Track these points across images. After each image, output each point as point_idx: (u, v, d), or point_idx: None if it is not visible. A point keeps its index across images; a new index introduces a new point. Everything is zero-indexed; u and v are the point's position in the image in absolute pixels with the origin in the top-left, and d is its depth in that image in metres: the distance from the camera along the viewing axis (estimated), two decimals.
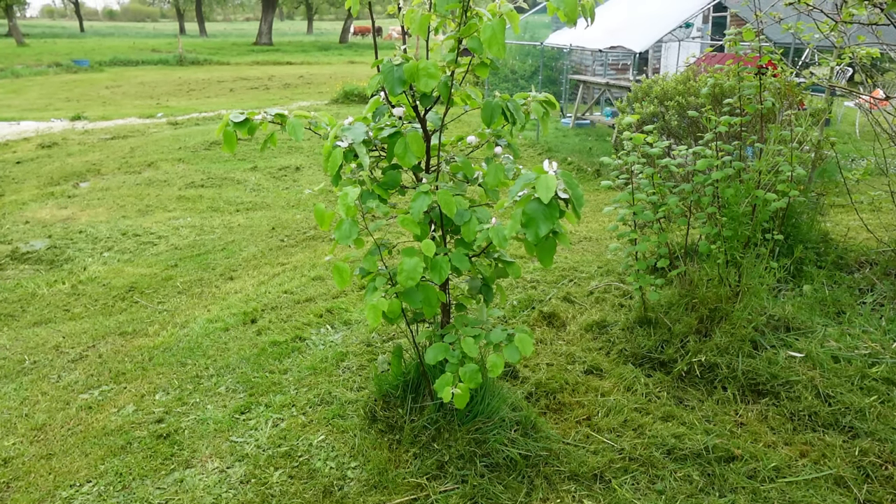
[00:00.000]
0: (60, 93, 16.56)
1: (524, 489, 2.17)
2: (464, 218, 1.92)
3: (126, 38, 42.43)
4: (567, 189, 1.77)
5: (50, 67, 22.65)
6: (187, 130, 10.23)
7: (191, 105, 13.73)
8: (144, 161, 8.21)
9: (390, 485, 2.21)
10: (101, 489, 2.30)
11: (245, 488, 2.26)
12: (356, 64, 25.26)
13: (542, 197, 1.68)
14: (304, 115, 2.07)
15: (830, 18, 3.06)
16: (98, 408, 2.83)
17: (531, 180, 1.73)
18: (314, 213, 2.05)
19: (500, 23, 1.75)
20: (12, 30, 34.91)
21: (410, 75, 1.83)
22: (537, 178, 1.71)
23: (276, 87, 17.16)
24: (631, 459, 2.31)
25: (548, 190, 1.67)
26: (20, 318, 3.93)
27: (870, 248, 3.89)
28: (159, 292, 4.25)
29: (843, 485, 2.16)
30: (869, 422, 2.43)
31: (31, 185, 7.25)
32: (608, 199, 5.49)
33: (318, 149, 8.34)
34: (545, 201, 1.69)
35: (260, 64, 25.67)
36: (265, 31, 37.00)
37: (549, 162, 1.74)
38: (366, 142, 1.98)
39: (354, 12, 2.00)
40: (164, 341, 3.42)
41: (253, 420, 2.65)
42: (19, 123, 11.56)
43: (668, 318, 3.05)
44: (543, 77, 11.54)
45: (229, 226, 5.71)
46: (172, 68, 23.99)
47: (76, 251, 5.11)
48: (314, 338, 3.35)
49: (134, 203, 6.48)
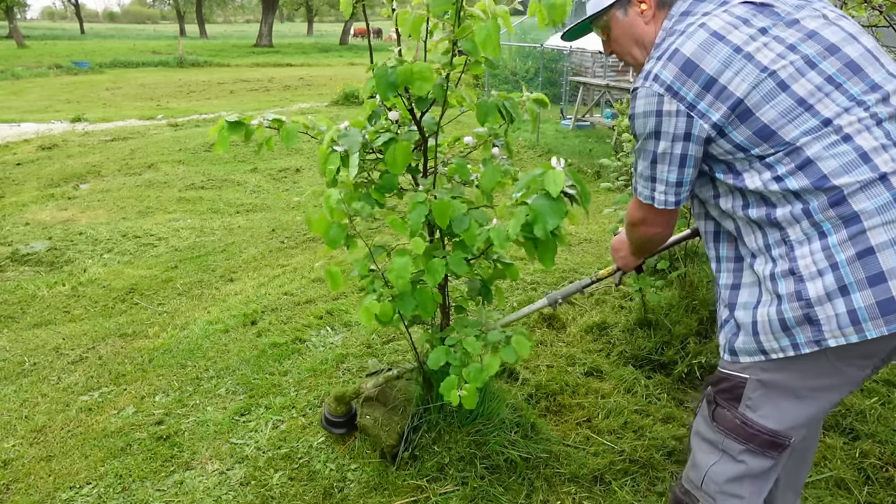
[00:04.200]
0: (61, 94, 16.58)
1: (524, 491, 2.17)
2: (463, 225, 1.91)
3: (126, 39, 42.49)
4: (575, 185, 1.77)
5: (50, 69, 22.67)
6: (187, 132, 10.24)
7: (191, 107, 13.74)
8: (144, 163, 8.22)
9: (390, 487, 2.21)
10: (101, 491, 2.30)
11: (245, 490, 2.25)
12: (356, 66, 25.29)
13: (550, 191, 1.68)
14: (301, 122, 2.07)
15: None
16: (98, 409, 2.83)
17: (536, 176, 1.73)
18: (305, 218, 2.05)
19: (495, 24, 1.75)
20: (13, 31, 34.96)
21: (404, 79, 1.82)
22: (544, 173, 1.71)
23: (276, 88, 17.18)
24: (631, 461, 2.31)
25: (556, 184, 1.67)
26: (20, 319, 3.93)
27: None
28: (159, 294, 4.25)
29: (843, 487, 2.16)
30: (869, 423, 2.43)
31: (32, 186, 7.26)
32: (608, 201, 5.49)
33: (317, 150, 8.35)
34: (554, 195, 1.69)
35: (260, 66, 25.69)
36: (265, 32, 37.05)
37: (556, 159, 1.74)
38: (363, 145, 1.97)
39: (347, 15, 1.99)
40: (164, 343, 3.42)
41: (253, 422, 2.65)
42: (20, 125, 11.57)
43: (668, 319, 3.04)
44: (543, 79, 11.55)
45: (229, 227, 5.71)
46: (173, 70, 24.01)
47: (76, 253, 5.11)
48: (314, 339, 3.35)
49: (134, 205, 6.48)
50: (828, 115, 1.31)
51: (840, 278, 1.26)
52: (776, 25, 1.37)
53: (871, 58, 1.35)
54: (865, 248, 1.24)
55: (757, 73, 1.33)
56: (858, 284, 1.24)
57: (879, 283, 1.23)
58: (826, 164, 1.29)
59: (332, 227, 1.96)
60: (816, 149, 1.31)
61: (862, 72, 1.33)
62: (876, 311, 1.23)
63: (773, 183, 1.34)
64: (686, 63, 1.36)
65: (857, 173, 1.27)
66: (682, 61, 1.37)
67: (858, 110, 1.31)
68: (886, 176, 1.26)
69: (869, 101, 1.31)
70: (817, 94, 1.32)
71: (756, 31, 1.36)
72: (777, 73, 1.33)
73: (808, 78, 1.32)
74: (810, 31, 1.35)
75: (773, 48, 1.34)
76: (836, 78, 1.33)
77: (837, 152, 1.29)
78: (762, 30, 1.36)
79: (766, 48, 1.34)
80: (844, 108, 1.31)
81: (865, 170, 1.26)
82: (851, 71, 1.33)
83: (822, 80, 1.33)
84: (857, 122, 1.30)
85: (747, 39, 1.35)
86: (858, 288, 1.24)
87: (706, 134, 1.38)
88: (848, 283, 1.25)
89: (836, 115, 1.31)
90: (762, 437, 1.44)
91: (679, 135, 1.40)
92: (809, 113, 1.32)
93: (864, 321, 1.24)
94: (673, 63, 1.37)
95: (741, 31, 1.36)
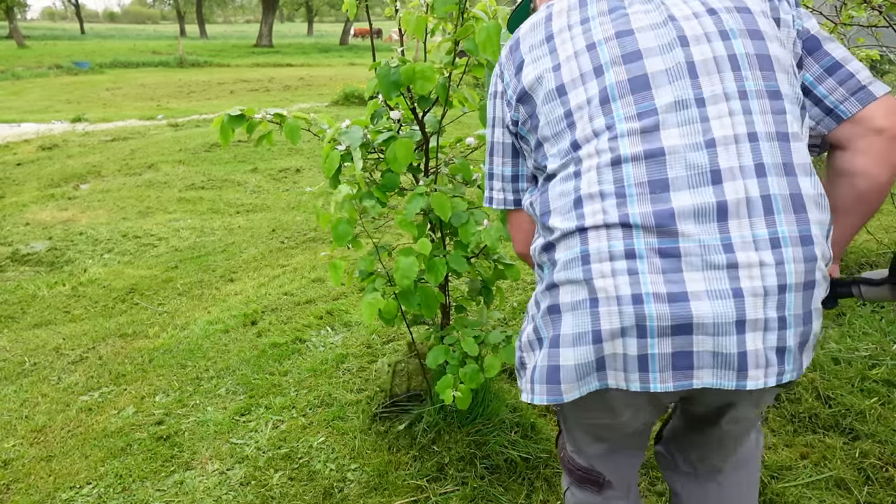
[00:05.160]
0: (61, 95, 16.58)
1: (524, 491, 2.17)
2: (461, 219, 1.92)
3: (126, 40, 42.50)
4: None
5: (50, 69, 22.67)
6: (187, 132, 10.24)
7: (191, 107, 13.75)
8: (145, 163, 8.22)
9: (390, 487, 2.21)
10: (101, 491, 2.30)
11: (245, 490, 2.26)
12: (356, 66, 25.28)
13: None
14: (302, 117, 2.06)
15: (830, 20, 3.06)
16: (98, 410, 2.83)
17: None
18: (314, 211, 2.05)
19: (495, 25, 1.75)
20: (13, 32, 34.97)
21: (407, 78, 1.83)
22: None
23: (276, 88, 17.18)
24: None
25: None
26: (20, 319, 3.93)
27: (870, 249, 3.89)
28: (159, 294, 4.25)
29: (843, 486, 2.16)
30: (869, 423, 2.43)
31: (32, 186, 7.26)
32: None
33: (318, 151, 8.36)
34: None
35: (260, 66, 25.68)
36: (265, 32, 37.06)
37: None
38: (364, 145, 1.98)
39: (351, 16, 2.00)
40: (164, 343, 3.43)
41: (253, 422, 2.65)
42: (20, 125, 11.57)
43: None
44: None
45: (229, 227, 5.71)
46: (173, 70, 24.00)
47: (76, 253, 5.11)
48: (314, 339, 3.35)
49: (134, 205, 6.48)
50: (577, 137, 1.08)
51: (537, 329, 1.12)
52: (602, 15, 1.11)
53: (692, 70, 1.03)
54: (555, 304, 1.07)
55: (546, 68, 1.12)
56: (550, 341, 1.08)
57: (554, 347, 1.07)
58: (552, 199, 1.10)
59: (340, 223, 1.97)
60: (554, 179, 1.11)
61: (647, 91, 1.03)
62: (544, 375, 1.08)
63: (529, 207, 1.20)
64: (514, 43, 1.19)
65: (566, 219, 1.07)
66: (513, 40, 1.20)
67: (604, 140, 1.04)
68: (585, 230, 1.04)
69: (620, 131, 1.03)
70: (583, 110, 1.07)
71: (580, 18, 1.12)
72: (562, 73, 1.10)
73: (586, 87, 1.08)
74: (623, 31, 1.08)
75: (576, 43, 1.11)
76: (611, 92, 1.05)
77: (563, 190, 1.08)
78: (585, 19, 1.12)
79: (571, 42, 1.11)
80: (595, 134, 1.06)
81: (572, 217, 1.06)
82: (632, 88, 1.04)
83: (596, 92, 1.06)
84: (596, 156, 1.05)
85: (564, 27, 1.13)
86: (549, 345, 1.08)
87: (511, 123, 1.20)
88: (541, 338, 1.11)
89: (585, 139, 1.07)
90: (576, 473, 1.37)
91: (499, 119, 1.23)
92: (569, 130, 1.09)
93: (537, 382, 1.10)
94: (510, 41, 1.21)
95: (568, 15, 1.14)
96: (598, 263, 1.01)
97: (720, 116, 1.00)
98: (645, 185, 1.00)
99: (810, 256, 0.99)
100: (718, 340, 0.98)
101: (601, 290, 1.01)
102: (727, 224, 0.97)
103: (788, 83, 1.05)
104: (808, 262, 0.99)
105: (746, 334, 0.98)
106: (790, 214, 0.98)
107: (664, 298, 0.97)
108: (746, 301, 0.97)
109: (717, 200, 0.97)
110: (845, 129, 1.09)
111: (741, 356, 0.99)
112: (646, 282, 0.98)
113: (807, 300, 1.00)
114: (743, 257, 0.97)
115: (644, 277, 0.98)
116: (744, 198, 0.97)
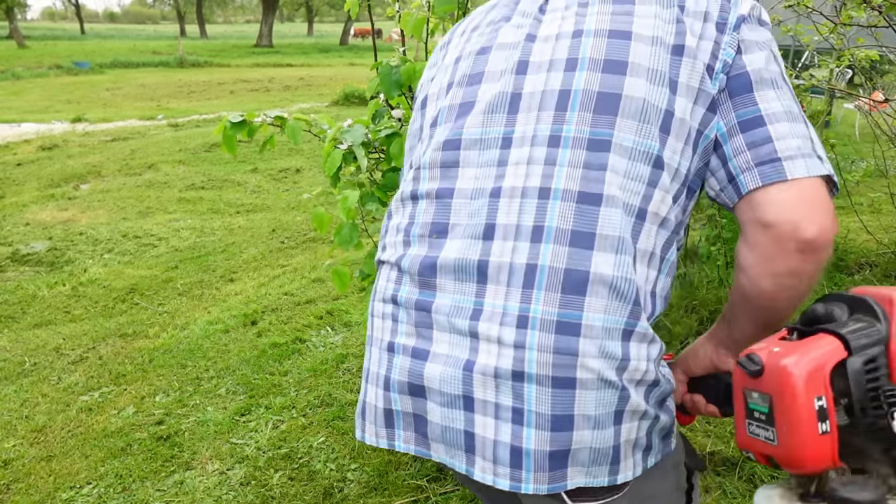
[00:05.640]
0: (61, 95, 16.58)
1: None
2: None
3: (127, 40, 42.53)
4: None
5: (50, 69, 22.68)
6: (188, 132, 10.24)
7: (191, 107, 13.75)
8: (145, 163, 8.22)
9: (390, 487, 2.21)
10: (101, 491, 2.30)
11: (245, 490, 2.26)
12: (356, 66, 25.29)
13: None
14: (303, 118, 2.07)
15: (830, 21, 3.06)
16: (98, 410, 2.83)
17: None
18: (312, 217, 2.05)
19: None
20: (13, 32, 35.00)
21: (408, 77, 1.83)
22: None
23: (276, 89, 17.19)
24: None
25: None
26: (20, 319, 3.94)
27: (869, 249, 3.90)
28: (159, 294, 4.26)
29: None
30: None
31: (32, 186, 7.26)
32: None
33: (318, 151, 8.35)
34: None
35: (260, 66, 25.69)
36: (265, 33, 37.08)
37: None
38: (365, 144, 1.98)
39: (353, 15, 2.00)
40: (164, 343, 3.43)
41: (253, 422, 2.65)
42: (20, 125, 11.57)
43: (668, 319, 3.05)
44: None
45: (230, 227, 5.71)
46: (173, 70, 24.01)
47: (76, 253, 5.12)
48: (314, 340, 3.36)
49: (134, 205, 6.48)
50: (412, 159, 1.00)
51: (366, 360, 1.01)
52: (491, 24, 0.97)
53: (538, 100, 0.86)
54: (369, 336, 0.98)
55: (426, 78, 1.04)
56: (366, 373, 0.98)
57: (366, 381, 0.96)
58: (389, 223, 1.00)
59: (345, 227, 1.97)
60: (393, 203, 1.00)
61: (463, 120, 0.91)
62: (362, 408, 0.96)
63: None
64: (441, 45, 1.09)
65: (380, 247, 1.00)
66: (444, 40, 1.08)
67: (416, 169, 0.95)
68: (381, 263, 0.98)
69: (424, 162, 0.94)
70: (423, 130, 0.98)
71: (476, 24, 1.00)
72: (432, 84, 1.01)
73: (436, 104, 0.97)
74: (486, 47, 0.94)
75: (452, 54, 1.00)
76: (440, 115, 0.95)
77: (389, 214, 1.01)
78: (476, 27, 0.99)
79: (451, 51, 1.00)
80: (417, 160, 0.97)
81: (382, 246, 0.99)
82: (457, 114, 0.92)
83: (433, 116, 0.96)
84: (411, 183, 0.95)
85: (462, 30, 1.02)
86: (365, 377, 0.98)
87: None
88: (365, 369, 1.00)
89: (413, 163, 0.98)
90: None
91: None
92: (412, 151, 1.01)
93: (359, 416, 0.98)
94: None
95: (473, 19, 1.02)
96: (379, 303, 0.95)
97: (517, 163, 0.84)
98: (428, 226, 0.90)
99: (567, 349, 0.79)
100: (446, 413, 0.85)
101: (376, 329, 0.95)
102: (485, 287, 0.83)
103: (637, 133, 0.82)
104: (562, 354, 0.79)
105: (475, 414, 0.83)
106: (554, 293, 0.79)
107: (409, 352, 0.88)
108: (475, 378, 0.82)
109: (480, 259, 0.83)
110: (740, 208, 0.83)
111: (468, 436, 0.84)
112: (402, 331, 0.90)
113: (561, 400, 0.79)
114: (484, 329, 0.82)
115: (402, 327, 0.90)
116: (507, 262, 0.82)
